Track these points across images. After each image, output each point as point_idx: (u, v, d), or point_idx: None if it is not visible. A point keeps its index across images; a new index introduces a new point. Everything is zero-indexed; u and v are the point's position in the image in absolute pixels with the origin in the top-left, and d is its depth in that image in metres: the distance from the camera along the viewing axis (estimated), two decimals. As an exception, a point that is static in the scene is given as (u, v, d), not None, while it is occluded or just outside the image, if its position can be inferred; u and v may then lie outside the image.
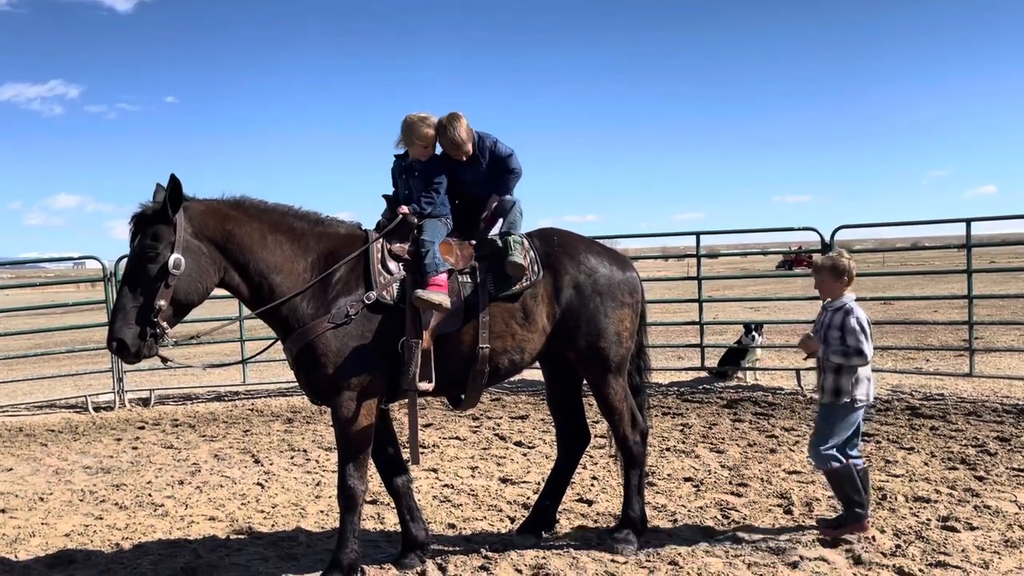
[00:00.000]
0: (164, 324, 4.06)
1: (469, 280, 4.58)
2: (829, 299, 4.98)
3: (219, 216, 4.27)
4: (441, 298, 4.34)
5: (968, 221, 9.45)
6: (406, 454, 4.79)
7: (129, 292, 4.05)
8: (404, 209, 4.62)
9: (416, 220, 4.61)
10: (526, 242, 4.72)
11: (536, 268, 4.70)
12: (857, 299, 4.99)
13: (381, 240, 4.53)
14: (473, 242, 4.75)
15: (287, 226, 4.44)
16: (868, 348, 4.72)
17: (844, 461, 4.81)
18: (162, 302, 4.04)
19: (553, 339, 4.77)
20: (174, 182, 4.06)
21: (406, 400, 4.58)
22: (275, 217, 4.44)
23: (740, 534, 5.00)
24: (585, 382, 5.09)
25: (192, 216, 4.18)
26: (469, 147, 4.77)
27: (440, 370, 4.45)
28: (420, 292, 4.32)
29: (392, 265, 4.48)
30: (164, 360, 4.29)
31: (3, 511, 6.24)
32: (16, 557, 5.18)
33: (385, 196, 4.75)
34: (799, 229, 10.80)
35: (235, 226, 4.28)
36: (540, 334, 4.72)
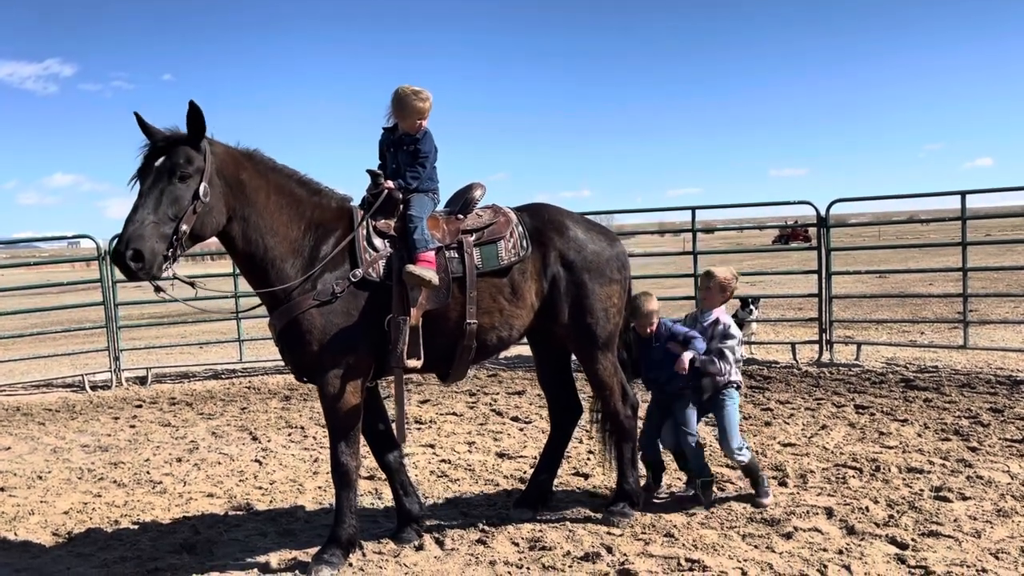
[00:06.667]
0: (180, 249, 3.94)
1: (456, 255, 4.53)
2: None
3: (236, 162, 4.21)
4: (430, 274, 4.30)
5: (963, 193, 9.43)
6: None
7: (152, 207, 3.82)
8: (389, 184, 4.54)
9: (401, 195, 4.54)
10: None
11: (525, 244, 4.67)
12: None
13: (367, 216, 4.49)
14: (460, 216, 4.69)
15: (289, 190, 4.40)
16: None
17: (752, 452, 5.27)
18: (186, 227, 3.91)
19: (541, 315, 4.76)
20: (194, 109, 3.90)
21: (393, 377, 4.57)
22: (280, 179, 4.39)
23: (735, 506, 5.04)
24: (575, 357, 5.10)
25: (215, 154, 4.10)
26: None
27: (428, 346, 4.43)
28: (410, 267, 4.29)
29: (378, 242, 4.43)
30: (158, 289, 4.05)
31: (2, 489, 6.27)
32: (15, 535, 5.21)
33: (369, 171, 4.63)
34: (795, 203, 10.79)
35: (248, 177, 4.22)
36: (528, 310, 4.71)
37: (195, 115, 3.94)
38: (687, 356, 4.94)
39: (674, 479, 5.64)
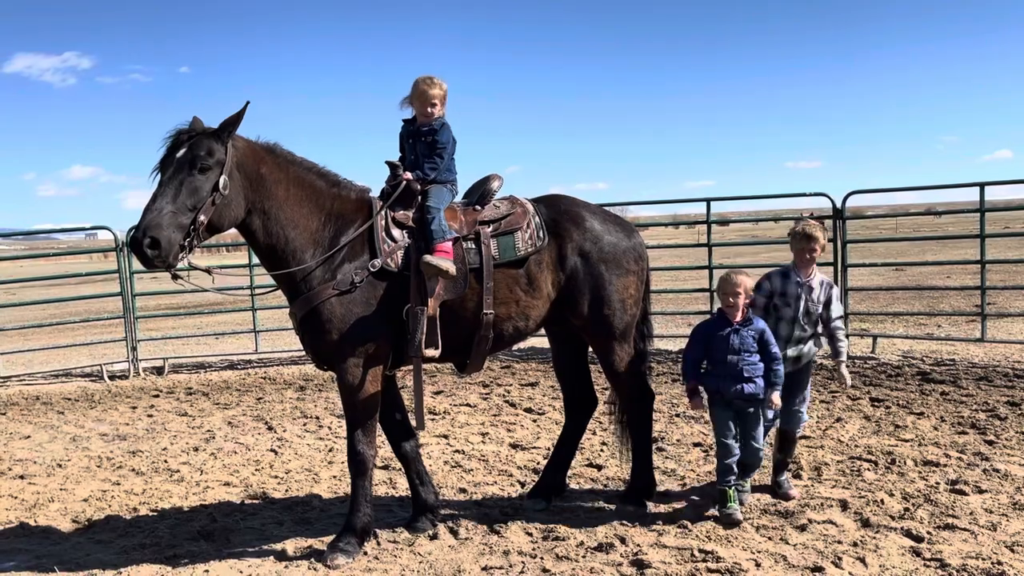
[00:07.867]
0: (197, 240, 4.02)
1: (473, 246, 4.56)
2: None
3: (256, 156, 4.29)
4: (448, 265, 4.33)
5: (982, 185, 9.33)
6: (413, 419, 4.84)
7: (171, 197, 3.93)
8: (408, 175, 4.57)
9: (420, 186, 4.57)
10: None
11: (542, 234, 4.68)
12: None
13: (385, 207, 4.53)
14: (477, 207, 4.72)
15: (309, 183, 4.45)
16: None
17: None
18: (203, 218, 3.99)
19: (558, 306, 4.77)
20: (243, 112, 4.07)
21: (411, 366, 4.60)
22: (300, 171, 4.45)
23: (749, 498, 5.03)
24: (591, 348, 5.11)
25: (236, 147, 4.18)
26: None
27: (445, 336, 4.46)
28: (428, 258, 4.32)
29: (396, 232, 4.47)
30: (175, 277, 4.10)
31: (22, 477, 6.36)
32: (36, 521, 5.29)
33: (388, 162, 4.68)
34: (810, 195, 10.72)
35: (267, 171, 4.29)
36: (544, 301, 4.72)
37: (240, 115, 4.07)
38: (776, 396, 4.75)
39: (687, 470, 5.64)
